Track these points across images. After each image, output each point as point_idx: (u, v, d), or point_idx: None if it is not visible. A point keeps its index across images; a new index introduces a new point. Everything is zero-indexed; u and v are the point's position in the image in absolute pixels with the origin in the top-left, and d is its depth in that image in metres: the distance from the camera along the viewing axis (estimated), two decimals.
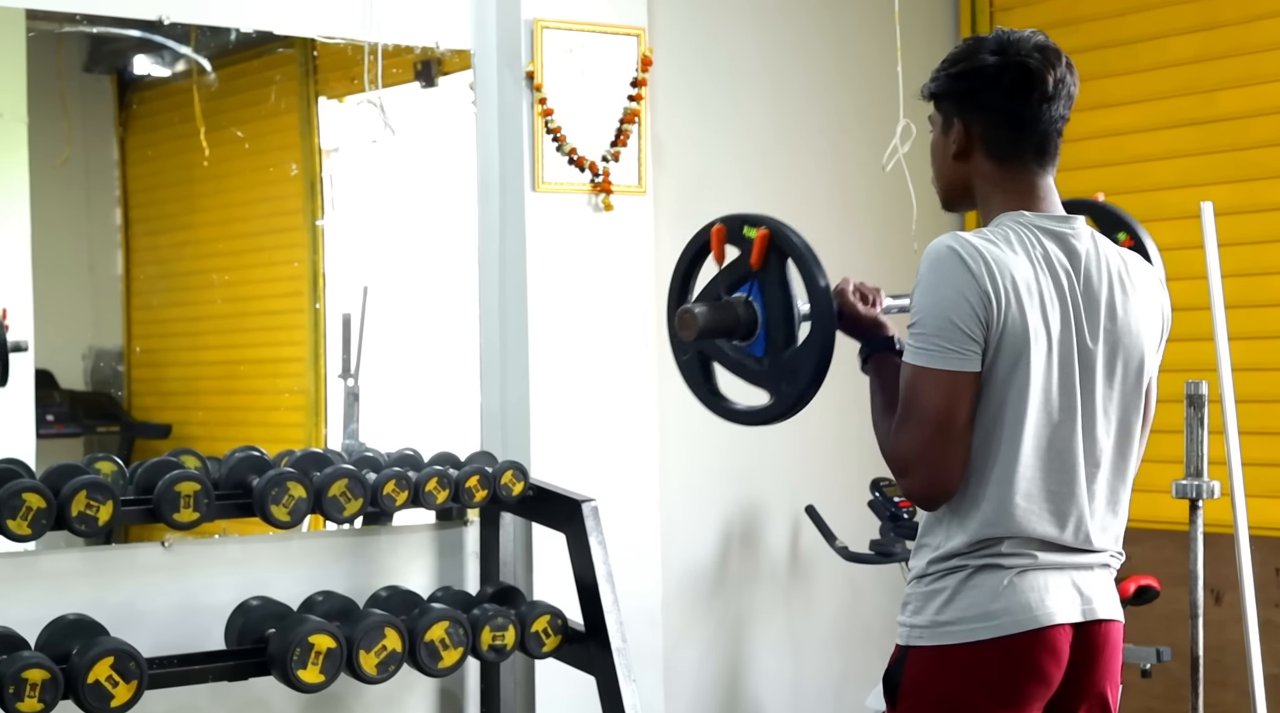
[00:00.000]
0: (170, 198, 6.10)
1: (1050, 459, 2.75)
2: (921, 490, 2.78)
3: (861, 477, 5.36)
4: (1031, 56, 2.80)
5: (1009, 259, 2.72)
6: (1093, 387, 2.79)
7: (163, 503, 4.25)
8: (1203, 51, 5.70)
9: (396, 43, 5.16)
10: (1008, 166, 2.85)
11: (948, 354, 2.69)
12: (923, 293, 2.76)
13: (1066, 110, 2.85)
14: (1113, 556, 2.87)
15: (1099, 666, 2.82)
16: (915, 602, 2.82)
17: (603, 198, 5.25)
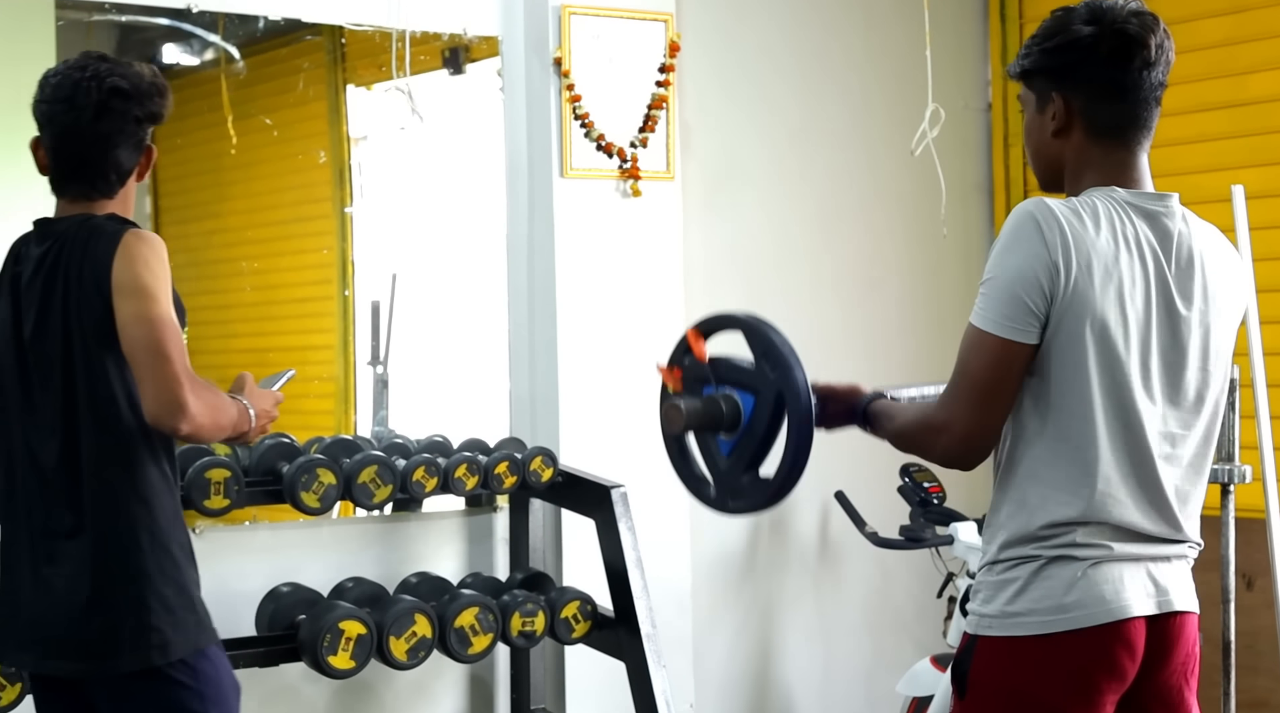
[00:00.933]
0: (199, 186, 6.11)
1: (1130, 440, 2.70)
2: (957, 451, 2.75)
3: (891, 462, 5.34)
4: (1129, 22, 2.73)
5: (1088, 236, 2.66)
6: (1180, 369, 2.74)
7: (193, 490, 4.25)
8: (1233, 34, 5.67)
9: (424, 30, 5.16)
10: (1105, 142, 2.77)
11: (1005, 322, 2.65)
12: (997, 254, 2.70)
13: (1165, 77, 2.79)
14: (1191, 546, 2.80)
15: (1174, 659, 2.77)
16: (986, 590, 2.77)
17: (631, 184, 5.24)
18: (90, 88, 3.25)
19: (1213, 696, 4.61)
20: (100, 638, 3.17)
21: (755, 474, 3.07)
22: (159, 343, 3.12)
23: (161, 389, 3.10)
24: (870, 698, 5.90)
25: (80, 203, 3.32)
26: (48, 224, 3.31)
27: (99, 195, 3.31)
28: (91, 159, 3.28)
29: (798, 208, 5.81)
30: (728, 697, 5.59)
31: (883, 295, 6.00)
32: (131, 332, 3.13)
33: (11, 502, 3.27)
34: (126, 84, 3.28)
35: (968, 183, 6.20)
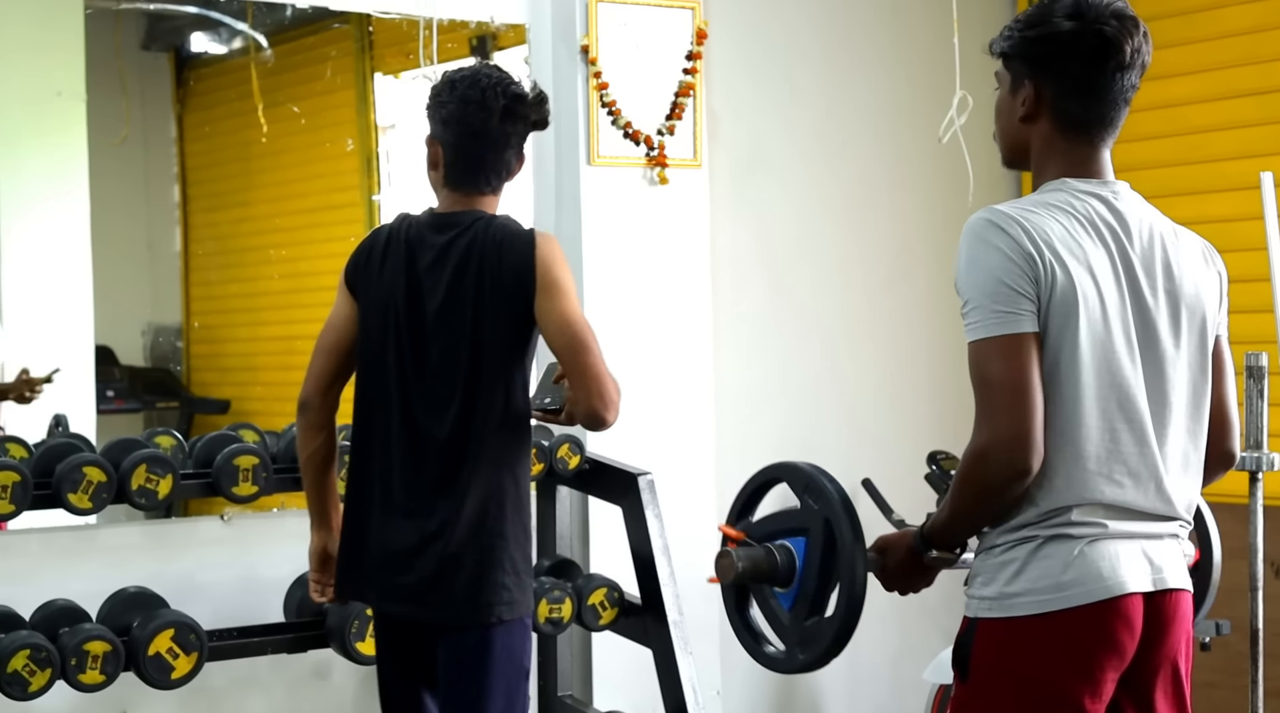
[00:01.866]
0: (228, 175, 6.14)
1: (1116, 421, 2.71)
2: (1009, 459, 2.65)
3: (918, 450, 5.35)
4: (1109, 24, 2.74)
5: (1044, 222, 2.70)
6: (1156, 345, 2.75)
7: (222, 477, 4.28)
8: (1261, 21, 5.65)
9: (452, 17, 5.17)
10: (1070, 134, 2.81)
11: (1004, 318, 2.65)
12: (966, 267, 2.72)
13: (1138, 80, 2.81)
14: (1182, 525, 2.82)
15: (1170, 636, 2.78)
16: (984, 574, 2.78)
17: (658, 172, 5.25)
18: (497, 92, 3.55)
19: (1240, 683, 4.60)
20: (462, 589, 3.49)
21: (821, 617, 2.95)
22: (587, 340, 3.46)
23: (595, 381, 3.44)
24: (897, 685, 5.90)
25: (470, 198, 3.61)
26: (443, 216, 3.59)
27: (489, 191, 3.62)
28: (489, 158, 3.58)
29: (824, 196, 5.81)
30: (754, 684, 5.59)
31: (910, 285, 5.99)
32: (560, 329, 3.47)
33: (385, 454, 3.57)
34: (523, 91, 3.61)
35: (995, 171, 6.15)
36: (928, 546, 2.90)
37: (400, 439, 3.56)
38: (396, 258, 3.58)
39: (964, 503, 2.78)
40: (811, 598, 2.94)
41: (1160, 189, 5.12)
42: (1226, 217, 5.45)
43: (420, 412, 3.54)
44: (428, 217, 3.63)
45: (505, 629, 3.53)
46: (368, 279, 3.62)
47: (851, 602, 2.88)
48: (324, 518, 3.77)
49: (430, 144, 3.66)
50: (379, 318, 3.57)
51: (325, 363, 3.67)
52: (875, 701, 5.90)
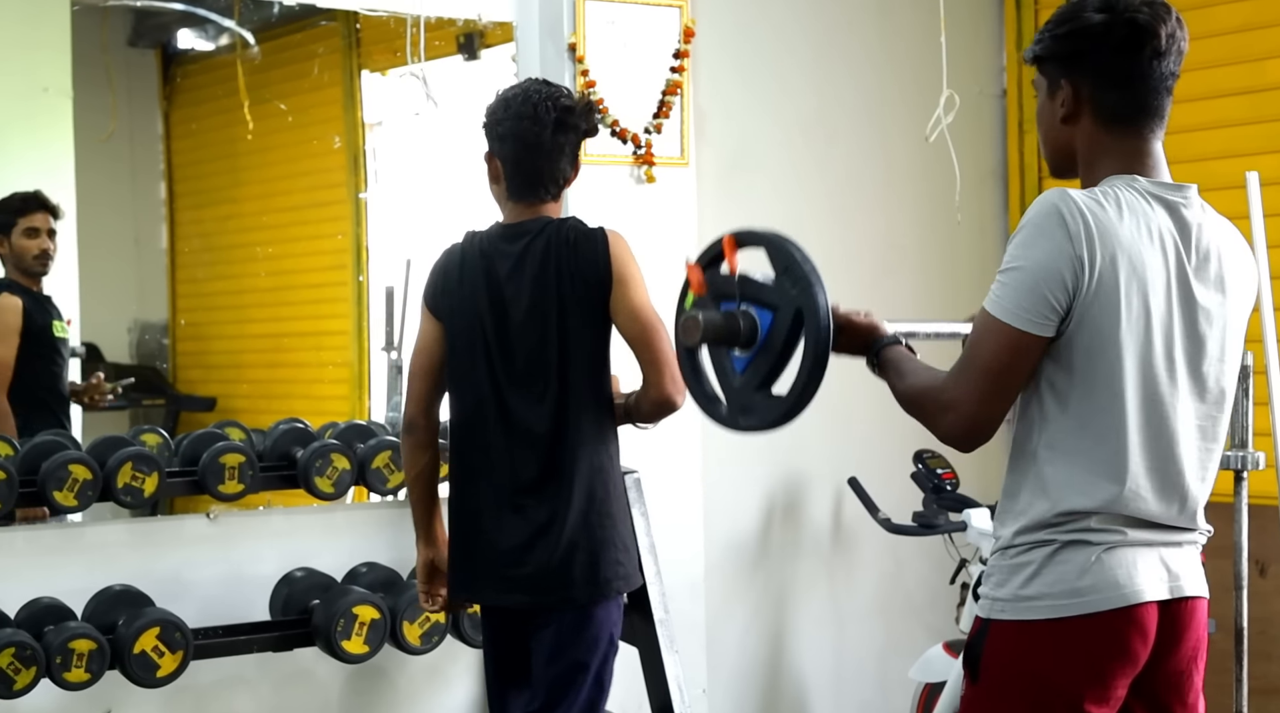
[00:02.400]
0: (214, 172, 6.13)
1: (1153, 432, 2.70)
2: (960, 433, 2.74)
3: (904, 449, 5.35)
4: (1140, 11, 2.72)
5: (1114, 226, 2.66)
6: (1199, 359, 2.74)
7: (208, 475, 4.28)
8: (1249, 20, 5.65)
9: (439, 15, 5.16)
10: (1116, 129, 2.77)
11: (1023, 314, 2.64)
12: (1019, 245, 2.68)
13: (1177, 67, 2.79)
14: (1201, 533, 2.81)
15: (1185, 643, 2.77)
16: (999, 574, 2.76)
17: (645, 170, 5.24)
18: (548, 106, 3.75)
19: (1225, 682, 4.61)
20: (581, 571, 3.70)
21: (768, 392, 3.02)
22: (659, 328, 3.72)
23: (668, 367, 3.69)
24: (883, 684, 5.91)
25: (533, 207, 3.81)
26: (513, 227, 3.79)
27: (549, 198, 3.83)
28: (546, 168, 3.78)
29: (812, 194, 5.80)
30: (740, 682, 5.60)
31: (897, 281, 5.99)
32: (634, 318, 3.73)
33: (486, 457, 3.76)
34: (572, 103, 3.81)
35: (982, 169, 6.20)
36: (875, 364, 3.06)
37: (502, 440, 3.75)
38: (474, 272, 3.77)
39: (909, 407, 2.91)
40: (764, 373, 3.01)
41: None
42: None
43: (518, 410, 3.74)
44: (498, 229, 3.83)
45: (616, 603, 3.82)
46: (450, 298, 3.79)
47: (802, 397, 2.99)
48: (430, 532, 3.90)
49: (490, 160, 3.85)
50: (466, 331, 3.77)
51: (423, 385, 3.84)
52: (861, 698, 5.91)
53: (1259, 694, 5.15)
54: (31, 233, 5.04)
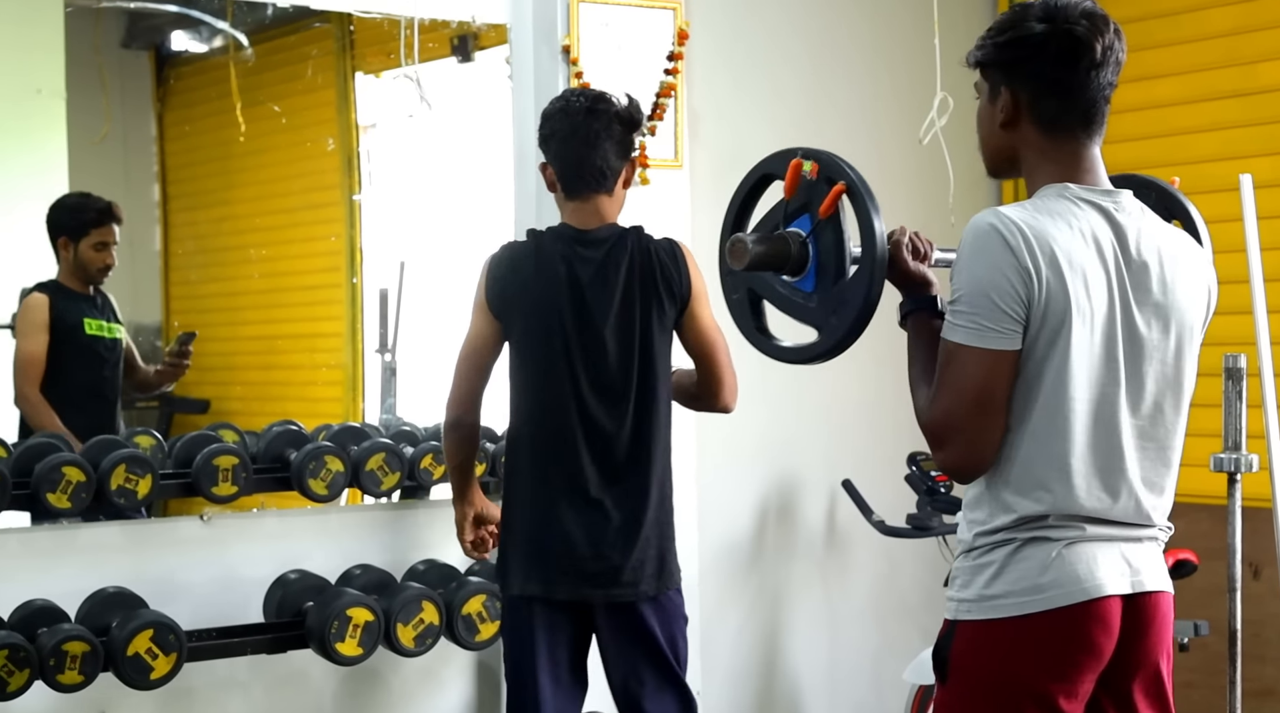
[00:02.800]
0: (208, 174, 6.13)
1: (1098, 434, 2.73)
2: (956, 464, 2.77)
3: (898, 451, 5.36)
4: (1079, 24, 2.76)
5: (1050, 233, 2.70)
6: (1140, 360, 2.76)
7: (201, 477, 4.27)
8: (1243, 23, 5.66)
9: (433, 17, 5.16)
10: (1055, 136, 2.81)
11: (987, 332, 2.67)
12: (963, 270, 2.73)
13: (1114, 77, 2.82)
14: (1161, 529, 2.84)
15: (1149, 637, 2.80)
16: (963, 576, 2.80)
17: (639, 172, 5.24)
18: (580, 100, 3.97)
19: (1219, 684, 4.62)
20: (653, 566, 3.93)
21: (844, 279, 3.02)
22: (722, 345, 4.01)
23: (729, 380, 4.04)
24: (877, 686, 5.91)
25: (589, 201, 3.97)
26: (585, 232, 3.95)
27: (603, 191, 3.97)
28: (589, 157, 3.93)
29: None
30: (734, 684, 5.59)
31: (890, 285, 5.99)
32: (708, 332, 3.99)
33: (563, 456, 3.90)
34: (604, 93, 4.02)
35: (976, 172, 6.12)
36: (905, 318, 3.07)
37: (582, 440, 3.89)
38: (552, 274, 3.90)
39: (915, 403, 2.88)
40: (833, 266, 3.01)
41: None
42: (1207, 218, 5.39)
43: (598, 413, 3.90)
44: (570, 232, 3.96)
45: (678, 595, 4.04)
46: (521, 298, 3.91)
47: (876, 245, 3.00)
48: (467, 494, 4.07)
49: (544, 169, 4.02)
50: (543, 332, 3.90)
51: (478, 382, 3.97)
52: (855, 700, 5.91)
53: (1252, 697, 5.16)
54: (101, 247, 5.11)
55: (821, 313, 3.05)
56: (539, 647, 3.93)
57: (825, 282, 3.03)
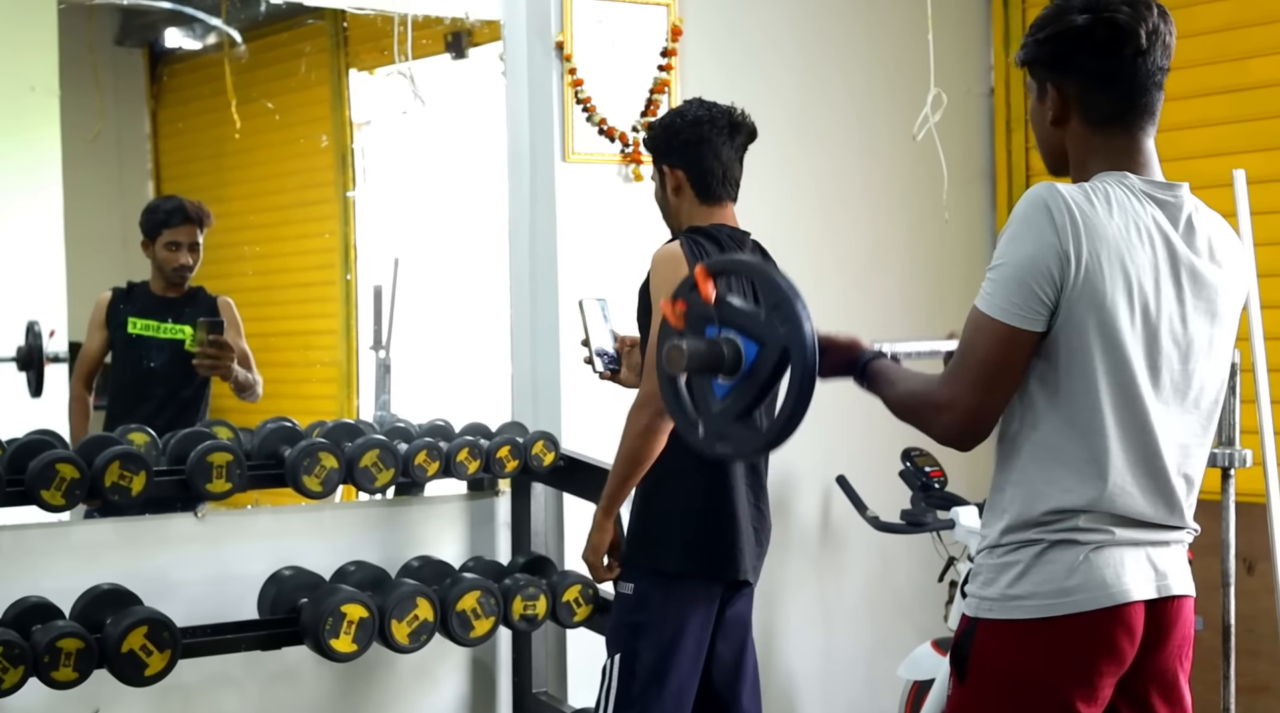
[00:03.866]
0: (202, 171, 6.12)
1: (1138, 432, 2.70)
2: (957, 432, 2.73)
3: (892, 446, 5.36)
4: (1120, 11, 2.72)
5: (1101, 221, 2.66)
6: (1188, 358, 2.74)
7: (195, 474, 4.27)
8: (1234, 19, 5.66)
9: (426, 14, 5.16)
10: (1105, 129, 2.77)
11: (1013, 310, 2.65)
12: (1007, 240, 2.68)
13: (1165, 61, 2.77)
14: (1189, 531, 2.81)
15: (1171, 642, 2.78)
16: (986, 573, 2.77)
17: (633, 168, 5.25)
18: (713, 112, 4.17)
19: (1212, 679, 4.62)
20: None
21: (748, 421, 2.96)
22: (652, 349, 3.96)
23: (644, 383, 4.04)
24: (871, 682, 5.91)
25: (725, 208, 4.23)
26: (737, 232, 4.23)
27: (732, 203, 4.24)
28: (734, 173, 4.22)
29: (799, 193, 5.81)
30: None
31: (884, 281, 6.00)
32: None
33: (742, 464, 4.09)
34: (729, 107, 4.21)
35: (970, 168, 6.21)
36: (863, 379, 3.02)
37: None
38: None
39: (904, 414, 2.88)
40: (745, 404, 2.93)
41: None
42: None
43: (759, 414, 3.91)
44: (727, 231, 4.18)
45: None
46: None
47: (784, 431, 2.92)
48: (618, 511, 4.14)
49: (671, 172, 4.17)
50: None
51: None
52: (849, 697, 5.91)
53: (1246, 692, 5.17)
54: (173, 247, 5.17)
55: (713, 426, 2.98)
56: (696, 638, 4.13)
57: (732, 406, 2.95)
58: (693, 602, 4.06)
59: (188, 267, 5.20)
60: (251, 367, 5.20)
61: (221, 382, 5.12)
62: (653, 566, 4.03)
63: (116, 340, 5.16)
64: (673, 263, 3.99)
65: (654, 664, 4.01)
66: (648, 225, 5.24)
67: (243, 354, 5.18)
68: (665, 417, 3.91)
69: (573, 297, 5.15)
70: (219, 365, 5.01)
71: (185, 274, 5.20)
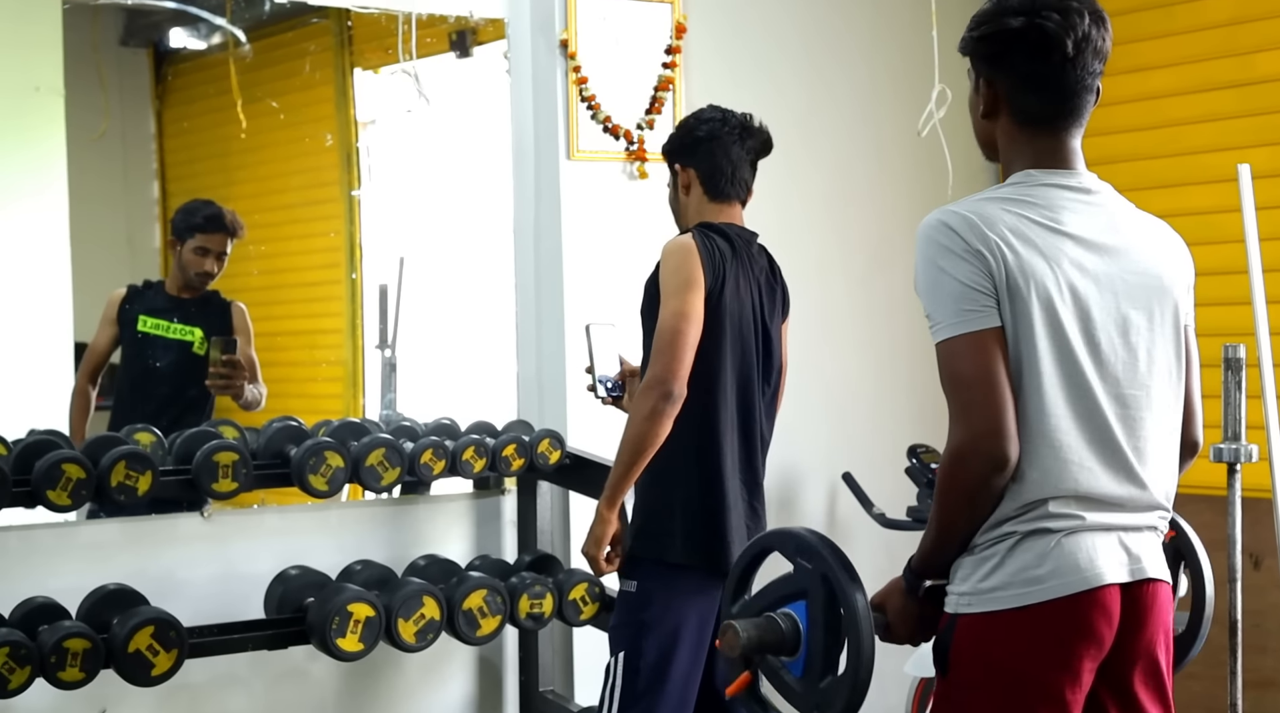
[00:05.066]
0: (207, 170, 6.12)
1: (1080, 407, 2.72)
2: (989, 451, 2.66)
3: (898, 444, 5.36)
4: (1050, 18, 2.75)
5: (996, 215, 2.71)
6: (1125, 331, 2.77)
7: (201, 473, 4.27)
8: (1239, 13, 5.66)
9: (431, 12, 5.16)
10: (1031, 127, 2.82)
11: (966, 316, 2.67)
12: (923, 269, 2.73)
13: (1097, 65, 2.80)
14: (1161, 516, 2.82)
15: (1149, 626, 2.79)
16: (963, 570, 2.78)
17: (637, 166, 5.25)
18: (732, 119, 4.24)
19: (1219, 675, 4.62)
20: None
21: (834, 676, 2.87)
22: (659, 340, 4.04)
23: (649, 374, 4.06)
24: (878, 679, 5.85)
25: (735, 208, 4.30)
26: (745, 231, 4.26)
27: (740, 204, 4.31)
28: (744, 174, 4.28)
29: (804, 189, 5.81)
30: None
31: (889, 277, 6.00)
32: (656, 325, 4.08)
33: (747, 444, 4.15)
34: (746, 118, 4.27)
35: (974, 164, 6.18)
36: (919, 578, 2.89)
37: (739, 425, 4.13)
38: (743, 269, 4.16)
39: (948, 510, 2.76)
40: (821, 659, 2.87)
41: (1138, 182, 5.12)
42: (1204, 209, 5.46)
43: (758, 404, 4.19)
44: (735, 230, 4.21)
45: None
46: (725, 282, 4.08)
47: (862, 656, 2.82)
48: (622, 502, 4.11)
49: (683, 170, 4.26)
50: (739, 320, 4.12)
51: (692, 357, 4.02)
52: None
53: (1253, 688, 5.16)
54: (202, 252, 5.24)
55: (806, 703, 2.91)
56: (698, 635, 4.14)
57: (813, 672, 2.89)
58: (694, 596, 4.07)
59: (211, 274, 5.25)
60: (257, 377, 5.22)
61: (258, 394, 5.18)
62: (655, 558, 4.04)
63: (125, 338, 5.17)
64: (683, 253, 4.04)
65: (658, 661, 4.01)
66: (653, 223, 5.24)
67: (250, 362, 5.19)
68: (671, 401, 3.93)
69: (580, 295, 5.16)
70: (231, 385, 5.05)
71: (207, 280, 5.25)
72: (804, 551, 2.89)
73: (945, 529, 2.78)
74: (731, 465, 4.10)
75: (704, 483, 4.07)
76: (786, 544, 2.94)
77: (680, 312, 3.99)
